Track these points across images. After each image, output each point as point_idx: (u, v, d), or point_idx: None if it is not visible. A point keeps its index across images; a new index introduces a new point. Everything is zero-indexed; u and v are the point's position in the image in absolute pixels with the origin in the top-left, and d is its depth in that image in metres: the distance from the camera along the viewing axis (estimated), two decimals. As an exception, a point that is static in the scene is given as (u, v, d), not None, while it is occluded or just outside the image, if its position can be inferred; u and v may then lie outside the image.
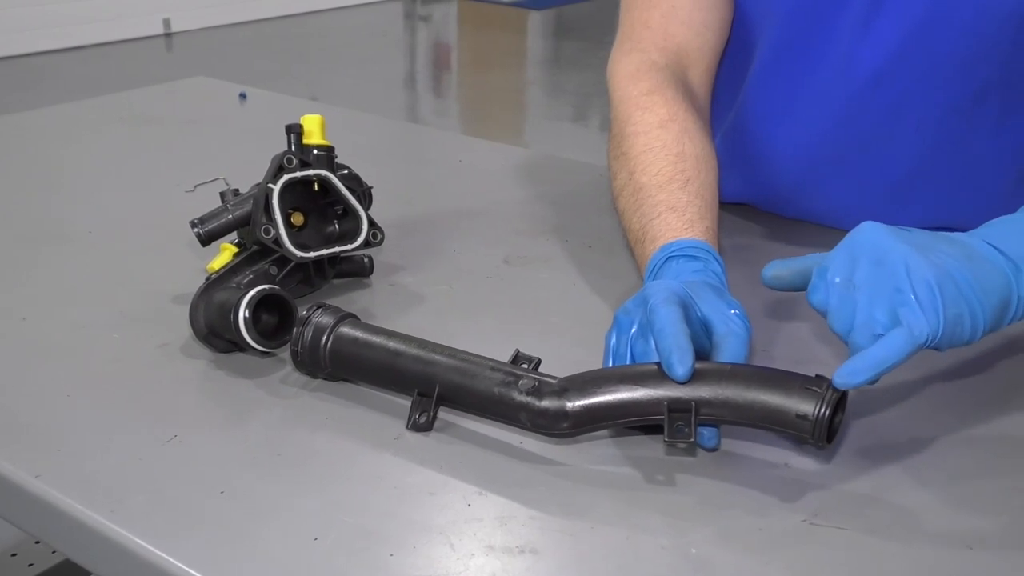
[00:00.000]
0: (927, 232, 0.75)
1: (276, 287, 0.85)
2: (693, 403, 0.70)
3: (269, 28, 6.41)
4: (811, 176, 1.09)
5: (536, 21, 6.98)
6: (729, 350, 0.75)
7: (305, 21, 6.62)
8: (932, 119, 1.01)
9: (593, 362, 0.83)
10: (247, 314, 0.82)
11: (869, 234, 0.74)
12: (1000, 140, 1.02)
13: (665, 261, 0.87)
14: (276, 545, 0.65)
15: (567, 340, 0.90)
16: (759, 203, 1.18)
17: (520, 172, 1.34)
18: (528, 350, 0.86)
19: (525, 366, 0.77)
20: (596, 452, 0.75)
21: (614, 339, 0.79)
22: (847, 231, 1.13)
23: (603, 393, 0.72)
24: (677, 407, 0.70)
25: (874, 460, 0.74)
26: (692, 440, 0.70)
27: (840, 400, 0.70)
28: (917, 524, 0.68)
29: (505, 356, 0.79)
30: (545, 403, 0.73)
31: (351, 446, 0.75)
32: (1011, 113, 1.01)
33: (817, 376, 0.70)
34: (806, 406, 0.68)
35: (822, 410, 0.68)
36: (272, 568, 0.64)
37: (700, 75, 1.07)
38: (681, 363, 0.70)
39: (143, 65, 5.41)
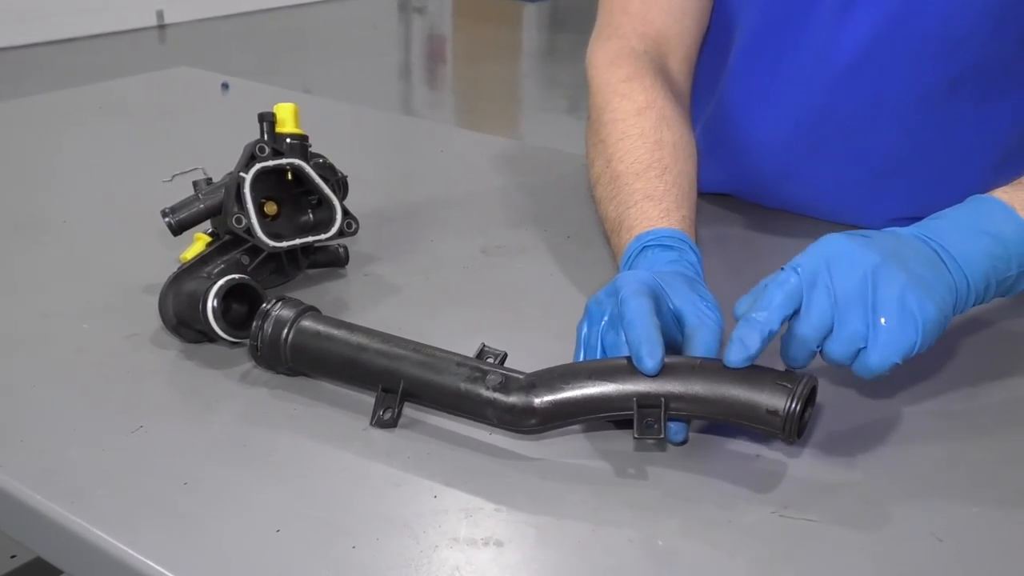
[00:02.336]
0: (888, 234, 0.75)
1: (245, 276, 0.84)
2: (663, 398, 0.69)
3: (263, 20, 6.39)
4: (791, 164, 1.08)
5: (531, 13, 6.96)
6: (701, 342, 0.74)
7: (299, 13, 6.60)
8: (910, 107, 1.01)
9: (567, 354, 0.82)
10: (215, 304, 0.81)
11: (838, 244, 0.72)
12: (978, 128, 1.01)
13: (640, 251, 0.86)
14: (238, 537, 0.65)
15: (542, 331, 0.89)
16: (740, 192, 1.17)
17: (501, 162, 1.33)
18: (502, 341, 0.85)
19: (491, 360, 0.76)
20: (565, 445, 0.74)
21: (585, 330, 0.78)
22: (827, 220, 1.12)
23: (571, 388, 0.71)
24: (646, 402, 0.69)
25: (845, 452, 0.73)
26: (662, 436, 0.69)
27: (810, 395, 0.69)
28: (887, 516, 0.67)
29: (478, 347, 0.78)
30: (512, 399, 0.71)
31: (317, 438, 0.75)
32: (988, 101, 1.00)
33: (787, 371, 0.69)
34: (777, 401, 0.67)
35: (792, 405, 0.67)
36: (234, 560, 0.63)
37: (680, 62, 1.06)
38: (651, 356, 0.69)
39: (135, 57, 5.39)
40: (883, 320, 0.69)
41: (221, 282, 0.82)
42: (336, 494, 0.69)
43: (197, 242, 0.92)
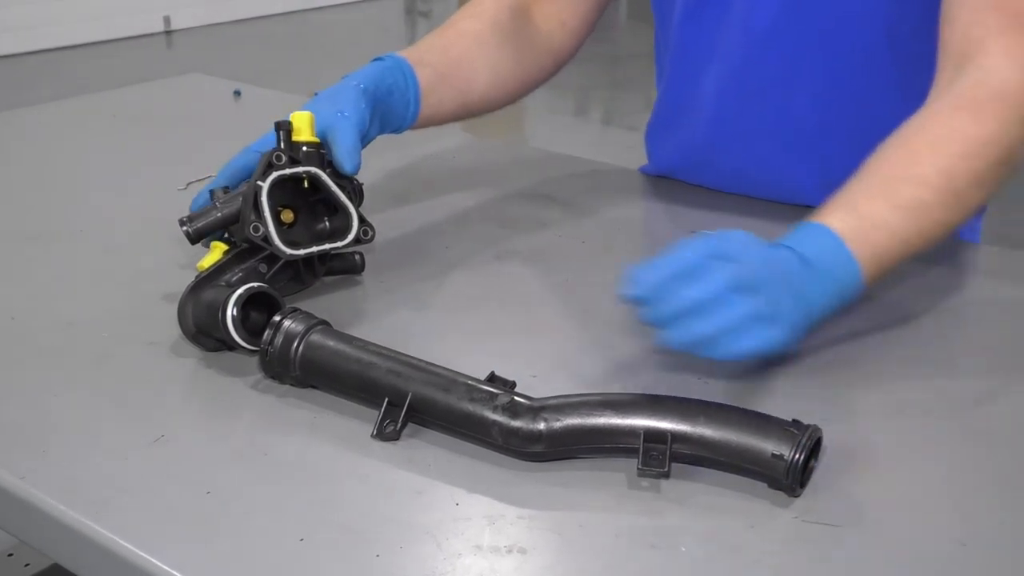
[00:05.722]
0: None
1: (264, 285, 0.84)
2: (669, 435, 0.70)
3: (270, 25, 6.41)
4: (722, 133, 1.12)
5: (537, 16, 6.96)
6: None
7: (306, 17, 6.61)
8: (822, 77, 1.05)
9: (582, 358, 0.83)
10: (235, 312, 0.81)
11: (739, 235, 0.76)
12: (907, 105, 1.00)
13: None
14: (262, 546, 0.65)
15: (557, 336, 0.90)
16: (687, 168, 1.21)
17: (513, 168, 1.34)
18: (517, 346, 0.86)
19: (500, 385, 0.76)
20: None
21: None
22: (764, 197, 1.16)
23: (578, 417, 0.71)
24: (653, 438, 0.70)
25: (865, 457, 0.73)
26: (665, 471, 0.69)
27: (815, 447, 0.69)
28: (909, 520, 0.67)
29: (492, 354, 0.78)
30: (518, 423, 0.71)
31: (339, 445, 0.75)
32: (908, 80, 1.01)
33: (795, 421, 0.70)
34: (782, 447, 0.68)
35: (797, 455, 0.67)
36: (258, 569, 0.63)
37: (547, 12, 1.18)
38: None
39: (143, 63, 5.40)
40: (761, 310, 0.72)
41: (240, 291, 0.82)
42: (358, 502, 0.69)
43: (214, 251, 0.92)
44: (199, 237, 0.93)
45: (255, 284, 0.83)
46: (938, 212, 0.85)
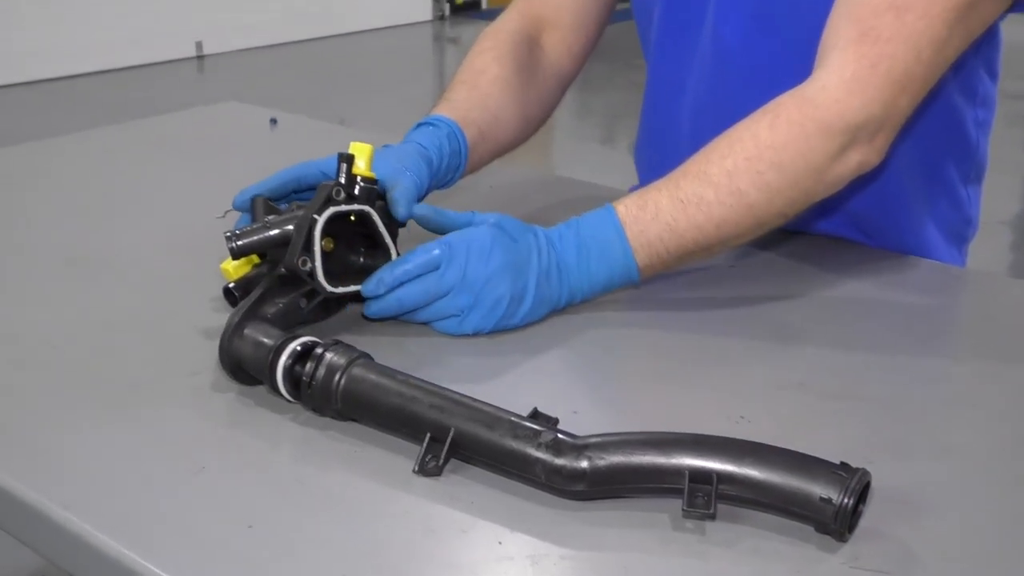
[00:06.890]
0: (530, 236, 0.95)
1: (313, 339, 0.83)
2: (715, 475, 0.69)
3: (299, 51, 6.47)
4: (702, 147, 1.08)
5: (565, 44, 6.99)
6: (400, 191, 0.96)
7: (335, 44, 6.67)
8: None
9: (623, 395, 0.82)
10: (286, 365, 0.81)
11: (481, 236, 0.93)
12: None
13: (416, 128, 1.09)
14: (304, 582, 0.64)
15: (597, 372, 0.89)
16: None
17: (541, 196, 1.33)
18: (557, 382, 0.85)
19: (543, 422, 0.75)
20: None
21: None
22: None
23: (622, 456, 0.70)
24: (698, 478, 0.69)
25: (914, 501, 0.72)
26: (711, 512, 0.68)
27: (864, 490, 0.68)
28: (960, 568, 0.66)
29: (533, 390, 0.77)
30: (561, 461, 0.71)
31: (380, 481, 0.74)
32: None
33: (843, 463, 0.69)
34: (831, 490, 0.67)
35: (846, 499, 0.66)
36: (300, 606, 0.63)
37: (556, 40, 1.22)
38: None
39: (175, 88, 5.46)
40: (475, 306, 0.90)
41: (291, 347, 0.81)
42: (401, 539, 0.68)
43: (243, 259, 0.93)
44: (242, 254, 0.93)
45: (307, 339, 0.82)
46: (717, 209, 0.91)
